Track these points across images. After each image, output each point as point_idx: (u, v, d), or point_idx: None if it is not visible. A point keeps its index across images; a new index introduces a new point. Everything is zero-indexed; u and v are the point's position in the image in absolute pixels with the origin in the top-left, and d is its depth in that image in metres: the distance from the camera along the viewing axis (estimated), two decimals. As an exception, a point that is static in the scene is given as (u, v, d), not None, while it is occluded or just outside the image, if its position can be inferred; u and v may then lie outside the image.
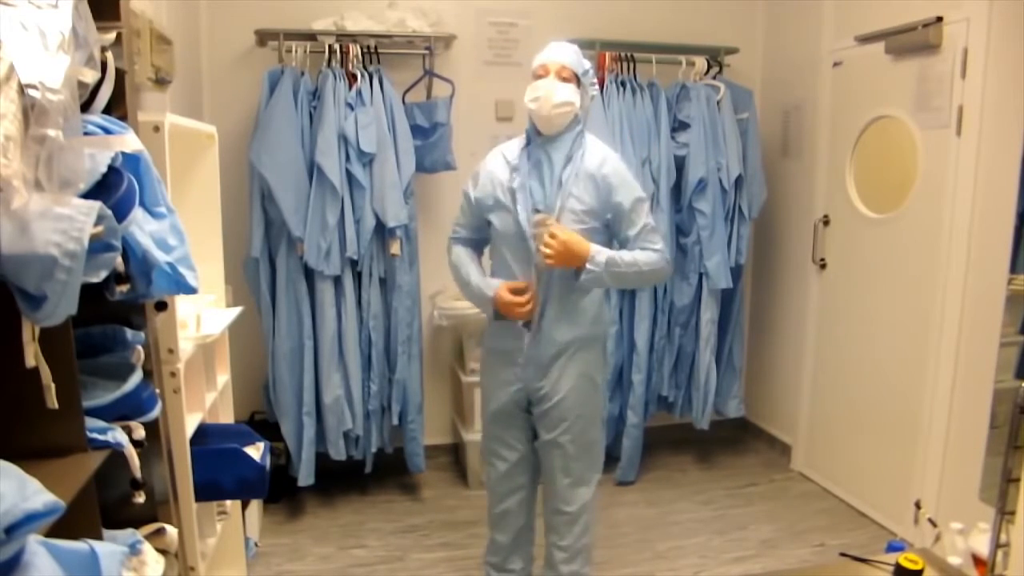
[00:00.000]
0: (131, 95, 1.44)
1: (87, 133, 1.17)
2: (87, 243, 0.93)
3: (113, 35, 1.35)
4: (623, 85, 3.29)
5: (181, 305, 1.74)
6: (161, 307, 1.54)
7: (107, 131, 1.23)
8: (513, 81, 3.14)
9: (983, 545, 2.03)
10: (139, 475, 1.32)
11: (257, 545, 2.85)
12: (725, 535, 3.02)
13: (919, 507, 2.84)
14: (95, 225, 0.95)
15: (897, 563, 1.35)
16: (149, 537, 1.40)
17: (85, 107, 1.21)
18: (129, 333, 1.43)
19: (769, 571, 2.77)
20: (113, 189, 1.12)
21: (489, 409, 2.29)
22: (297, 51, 3.00)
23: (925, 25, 2.73)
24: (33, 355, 1.00)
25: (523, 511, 2.32)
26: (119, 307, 1.40)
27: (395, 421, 3.22)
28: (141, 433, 1.35)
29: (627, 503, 3.29)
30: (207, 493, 1.86)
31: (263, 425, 3.14)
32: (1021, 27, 2.39)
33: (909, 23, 2.80)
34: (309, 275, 3.04)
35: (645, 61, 3.36)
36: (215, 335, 1.98)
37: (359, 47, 3.05)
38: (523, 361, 2.15)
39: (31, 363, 1.00)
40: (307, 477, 3.08)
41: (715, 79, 3.43)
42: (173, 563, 1.50)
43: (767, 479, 3.57)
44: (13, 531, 0.80)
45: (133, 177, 1.21)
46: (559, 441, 2.18)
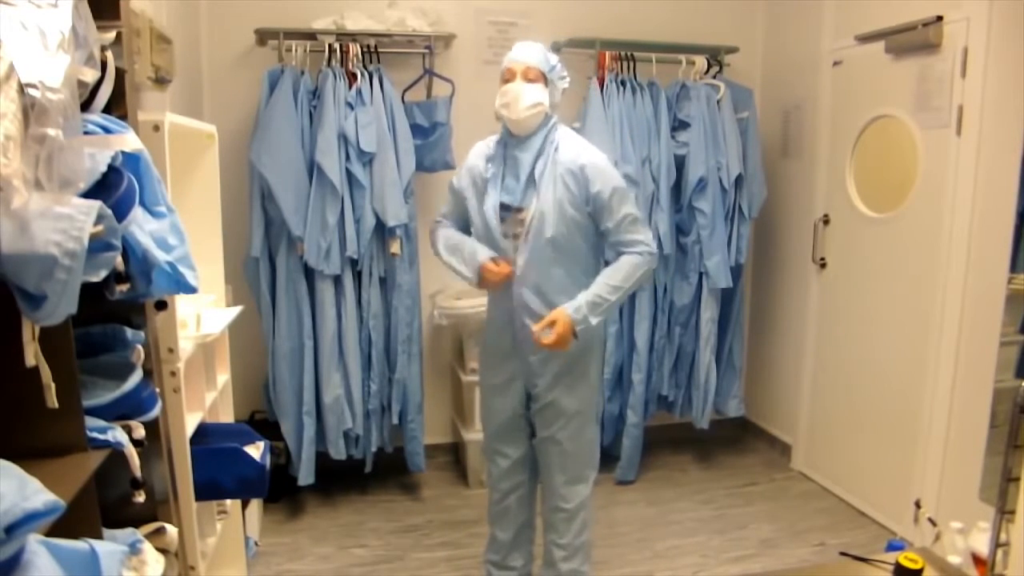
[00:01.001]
0: (131, 94, 1.44)
1: (87, 132, 1.17)
2: (87, 242, 0.93)
3: (113, 34, 1.35)
4: (623, 84, 3.29)
5: (181, 305, 1.74)
6: (161, 306, 1.54)
7: (107, 130, 1.23)
8: (513, 80, 3.14)
9: (983, 544, 2.03)
10: (139, 474, 1.31)
11: (257, 544, 2.85)
12: (725, 534, 3.02)
13: (919, 506, 2.84)
14: (95, 224, 0.95)
15: (897, 562, 1.35)
16: (149, 536, 1.40)
17: (85, 106, 1.21)
18: (129, 332, 1.43)
19: (769, 571, 2.77)
20: (113, 188, 1.12)
21: (489, 407, 2.31)
22: (297, 50, 3.00)
23: (925, 24, 2.73)
24: (33, 354, 1.00)
25: (524, 507, 2.35)
26: (119, 306, 1.40)
27: (395, 420, 3.22)
28: (141, 432, 1.35)
29: (627, 502, 3.29)
30: (207, 492, 1.87)
31: (263, 424, 3.14)
32: (1021, 27, 2.39)
33: (909, 22, 2.80)
34: (309, 274, 3.04)
35: (645, 60, 3.36)
36: (215, 334, 1.98)
37: (359, 46, 3.05)
38: (520, 357, 2.18)
39: (31, 362, 1.00)
40: (307, 476, 3.08)
41: (715, 78, 3.44)
42: (173, 562, 1.50)
43: (767, 478, 3.57)
44: (13, 530, 0.80)
45: (133, 176, 1.21)
46: (556, 438, 2.21)
